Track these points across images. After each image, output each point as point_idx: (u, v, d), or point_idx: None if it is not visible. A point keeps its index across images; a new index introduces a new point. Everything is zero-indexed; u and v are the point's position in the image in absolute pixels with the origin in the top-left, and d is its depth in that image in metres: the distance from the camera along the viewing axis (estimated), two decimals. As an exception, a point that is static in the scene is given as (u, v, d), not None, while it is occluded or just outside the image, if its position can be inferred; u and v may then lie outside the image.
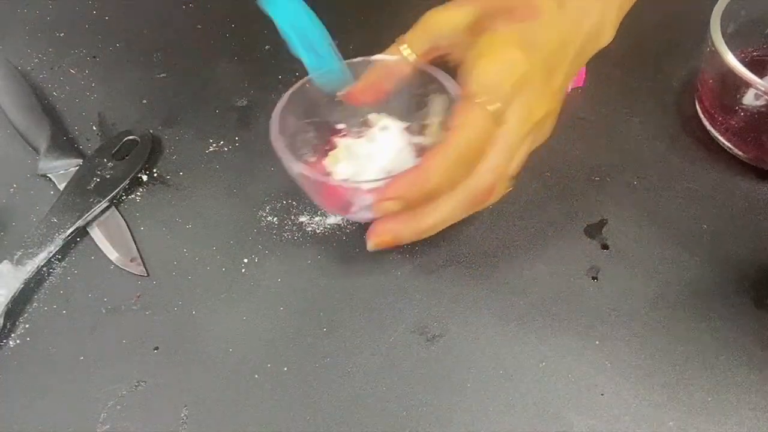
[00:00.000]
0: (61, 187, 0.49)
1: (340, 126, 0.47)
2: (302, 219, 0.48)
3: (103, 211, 0.48)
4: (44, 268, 0.46)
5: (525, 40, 0.39)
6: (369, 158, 0.44)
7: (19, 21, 0.62)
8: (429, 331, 0.42)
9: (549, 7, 0.40)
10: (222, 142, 0.52)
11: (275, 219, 0.48)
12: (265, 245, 0.47)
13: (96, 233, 0.48)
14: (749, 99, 0.45)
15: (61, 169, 0.50)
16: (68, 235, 0.47)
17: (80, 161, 0.50)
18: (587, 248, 0.45)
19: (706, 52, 0.46)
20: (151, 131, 0.53)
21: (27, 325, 0.44)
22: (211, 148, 0.52)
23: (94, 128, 0.54)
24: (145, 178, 0.51)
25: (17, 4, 0.63)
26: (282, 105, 0.43)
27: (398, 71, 0.44)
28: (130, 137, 0.52)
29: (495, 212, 0.46)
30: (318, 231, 0.47)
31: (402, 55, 0.43)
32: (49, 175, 0.50)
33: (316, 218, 0.47)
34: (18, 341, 0.43)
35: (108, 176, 0.49)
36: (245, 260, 0.46)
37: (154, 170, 0.51)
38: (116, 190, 0.49)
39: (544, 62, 0.40)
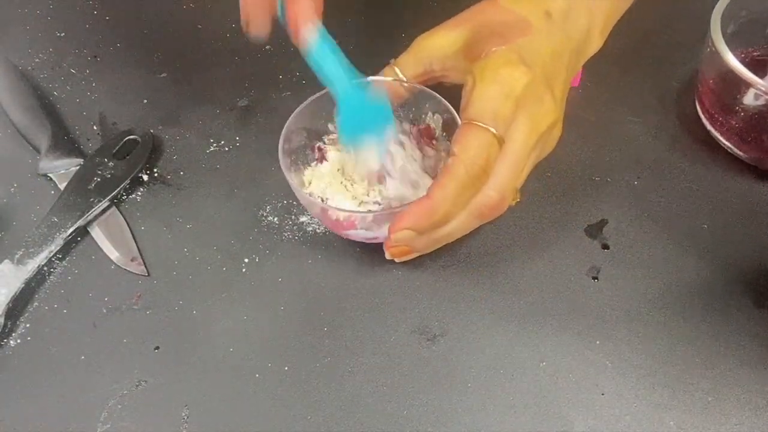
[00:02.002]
0: (62, 186, 0.49)
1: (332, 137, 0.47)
2: (303, 219, 0.48)
3: (103, 211, 0.48)
4: (45, 268, 0.46)
5: (523, 55, 0.40)
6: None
7: (20, 21, 0.62)
8: (429, 331, 0.42)
9: (538, 19, 0.41)
10: (222, 142, 0.52)
11: (276, 219, 0.48)
12: (265, 245, 0.47)
13: (97, 233, 0.48)
14: (749, 99, 0.45)
15: (62, 169, 0.50)
16: (69, 235, 0.47)
17: (81, 161, 0.50)
18: (587, 248, 0.45)
19: (706, 52, 0.46)
20: (151, 131, 0.53)
21: (28, 325, 0.44)
22: (212, 148, 0.52)
23: (95, 128, 0.54)
24: (145, 177, 0.51)
25: (17, 4, 0.63)
26: (292, 120, 0.44)
27: (393, 92, 0.44)
28: (131, 137, 0.52)
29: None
30: (318, 231, 0.47)
31: (397, 76, 0.44)
32: (49, 175, 0.50)
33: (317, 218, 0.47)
34: (19, 341, 0.43)
35: (109, 176, 0.49)
36: (246, 260, 0.46)
37: (155, 170, 0.51)
38: (117, 190, 0.49)
39: (543, 72, 0.40)
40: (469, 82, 0.40)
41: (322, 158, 0.46)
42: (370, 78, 0.45)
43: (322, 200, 0.44)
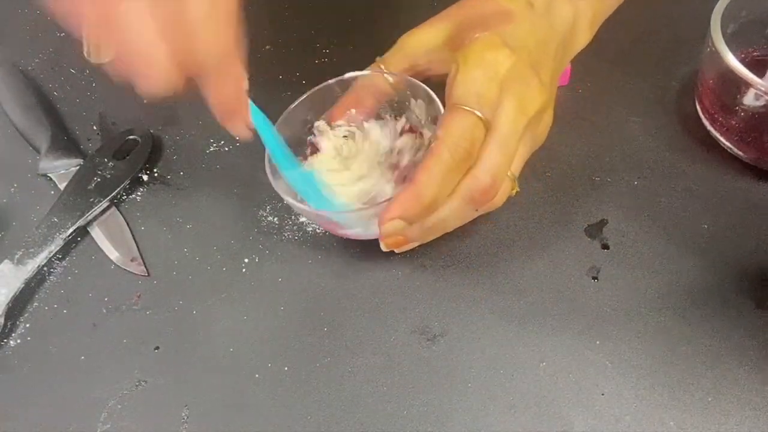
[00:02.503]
0: (62, 186, 0.49)
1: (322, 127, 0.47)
2: (303, 219, 0.48)
3: (103, 211, 0.48)
4: (45, 268, 0.46)
5: (506, 40, 0.40)
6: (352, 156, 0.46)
7: (20, 21, 0.62)
8: (430, 331, 0.42)
9: (521, 8, 0.41)
10: (222, 142, 0.52)
11: (276, 219, 0.48)
12: (265, 245, 0.47)
13: (96, 233, 0.48)
14: (749, 99, 0.45)
15: (62, 169, 0.50)
16: (69, 235, 0.47)
17: (81, 161, 0.50)
18: (587, 248, 0.45)
19: (706, 52, 0.46)
20: (151, 131, 0.53)
21: (28, 325, 0.44)
22: (212, 148, 0.52)
23: (95, 128, 0.54)
24: (145, 177, 0.51)
25: (17, 4, 0.63)
26: (281, 119, 0.44)
27: (378, 86, 0.44)
28: (131, 137, 0.52)
29: (495, 212, 0.46)
30: (318, 231, 0.47)
31: (380, 69, 0.44)
32: (49, 175, 0.50)
33: (317, 218, 0.47)
34: (19, 341, 0.43)
35: (108, 176, 0.49)
36: (246, 260, 0.46)
37: (155, 170, 0.51)
38: (117, 190, 0.49)
39: (529, 57, 0.40)
40: (453, 68, 0.40)
41: (315, 150, 0.46)
42: (355, 73, 0.45)
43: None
